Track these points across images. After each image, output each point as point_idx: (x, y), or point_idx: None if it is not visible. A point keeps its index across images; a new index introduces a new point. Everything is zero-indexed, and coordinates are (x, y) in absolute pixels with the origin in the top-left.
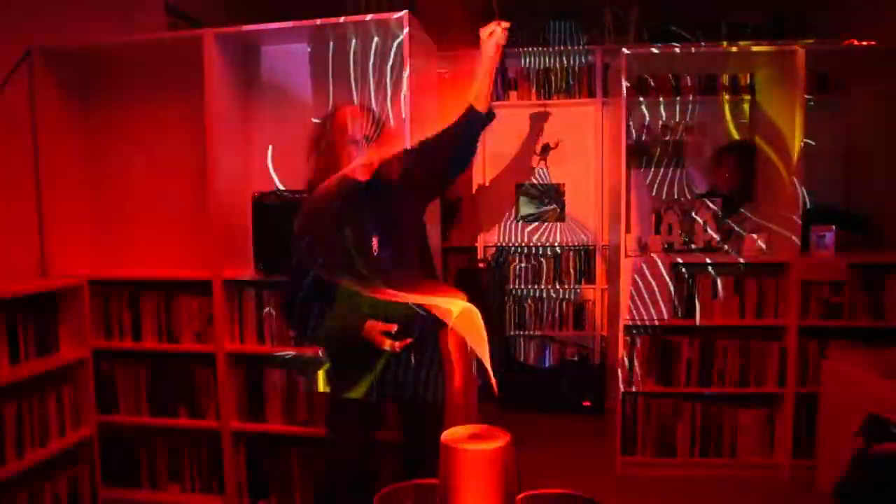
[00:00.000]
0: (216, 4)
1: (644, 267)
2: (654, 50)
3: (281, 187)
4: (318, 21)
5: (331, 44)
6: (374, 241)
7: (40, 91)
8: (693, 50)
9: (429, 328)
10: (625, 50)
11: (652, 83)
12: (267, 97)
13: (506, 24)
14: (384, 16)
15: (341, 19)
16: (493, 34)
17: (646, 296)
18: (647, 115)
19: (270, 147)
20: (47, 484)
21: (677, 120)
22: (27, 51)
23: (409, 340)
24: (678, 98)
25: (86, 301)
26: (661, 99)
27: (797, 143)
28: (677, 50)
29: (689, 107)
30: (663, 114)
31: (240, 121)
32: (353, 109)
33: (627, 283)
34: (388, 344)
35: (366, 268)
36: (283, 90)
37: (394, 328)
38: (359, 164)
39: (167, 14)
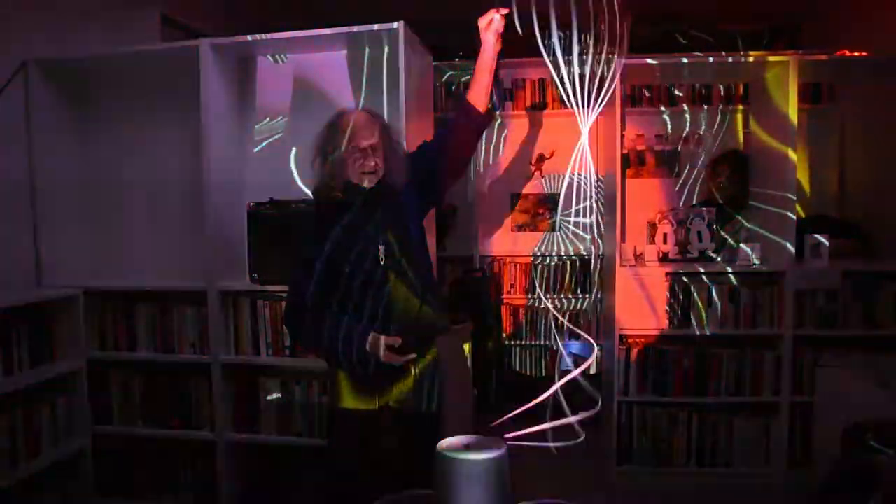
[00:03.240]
0: (212, 15)
1: (639, 276)
2: (649, 60)
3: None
4: (315, 32)
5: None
6: (381, 250)
7: (36, 102)
8: (687, 60)
9: (429, 338)
10: (619, 60)
11: (647, 93)
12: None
13: (504, 11)
14: (377, 26)
15: (327, 30)
16: (492, 22)
17: (641, 305)
18: (641, 124)
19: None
20: (41, 495)
21: (672, 130)
22: (23, 62)
23: (413, 355)
24: (673, 108)
25: (80, 311)
26: (655, 109)
27: (791, 152)
28: (672, 60)
29: (684, 116)
30: (658, 123)
31: (236, 130)
32: (360, 115)
33: (623, 293)
34: (396, 359)
35: (371, 276)
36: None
37: (398, 341)
38: (365, 170)
39: (163, 25)
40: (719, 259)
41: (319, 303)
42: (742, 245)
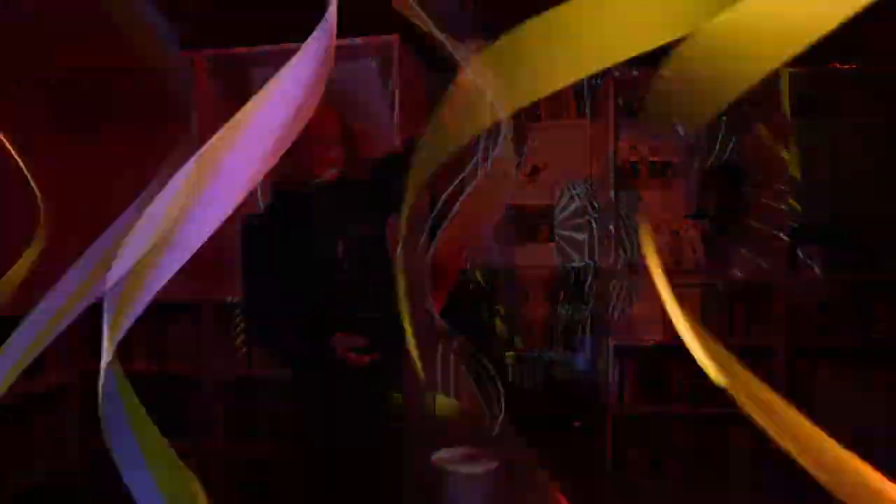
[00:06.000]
0: (207, 28)
1: (634, 287)
2: (641, 72)
3: None
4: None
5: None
6: (339, 245)
7: (26, 112)
8: None
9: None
10: (612, 72)
11: (640, 104)
12: None
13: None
14: (371, 39)
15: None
16: None
17: (635, 316)
18: (635, 136)
19: None
20: None
21: (665, 141)
22: (17, 78)
23: (375, 355)
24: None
25: (73, 323)
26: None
27: (785, 153)
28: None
29: (677, 127)
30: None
31: None
32: (319, 107)
33: (617, 303)
34: (354, 358)
35: (330, 273)
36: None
37: (360, 342)
38: (326, 160)
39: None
40: (713, 270)
41: (282, 306)
42: (735, 256)
